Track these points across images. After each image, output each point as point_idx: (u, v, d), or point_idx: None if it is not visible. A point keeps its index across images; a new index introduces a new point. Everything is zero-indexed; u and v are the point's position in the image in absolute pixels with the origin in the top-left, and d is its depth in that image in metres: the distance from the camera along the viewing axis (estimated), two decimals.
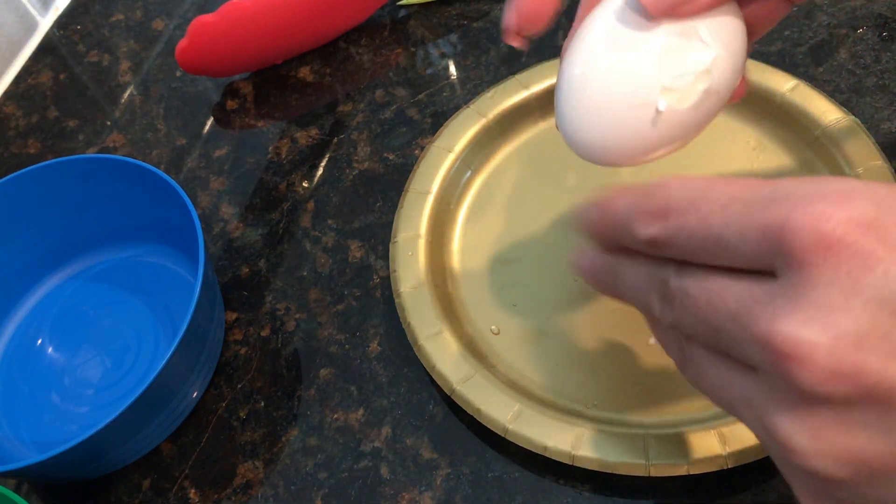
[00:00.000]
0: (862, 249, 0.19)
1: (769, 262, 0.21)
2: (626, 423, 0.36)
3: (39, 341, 0.46)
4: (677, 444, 0.34)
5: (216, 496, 0.39)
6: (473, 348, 0.39)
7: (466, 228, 0.44)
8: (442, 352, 0.38)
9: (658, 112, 0.26)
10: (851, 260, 0.19)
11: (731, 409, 0.24)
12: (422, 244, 0.42)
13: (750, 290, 0.21)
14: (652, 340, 0.38)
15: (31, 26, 0.61)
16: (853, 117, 0.40)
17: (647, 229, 0.24)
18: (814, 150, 0.41)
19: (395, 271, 0.41)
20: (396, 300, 0.40)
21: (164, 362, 0.35)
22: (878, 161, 0.39)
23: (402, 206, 0.43)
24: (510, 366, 0.39)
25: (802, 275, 0.20)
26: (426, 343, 0.38)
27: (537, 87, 0.46)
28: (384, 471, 0.38)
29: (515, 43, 0.28)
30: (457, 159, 0.44)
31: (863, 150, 0.39)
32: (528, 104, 0.46)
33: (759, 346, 0.20)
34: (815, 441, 0.20)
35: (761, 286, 0.21)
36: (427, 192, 0.43)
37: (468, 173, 0.45)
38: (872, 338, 0.19)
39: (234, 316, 0.44)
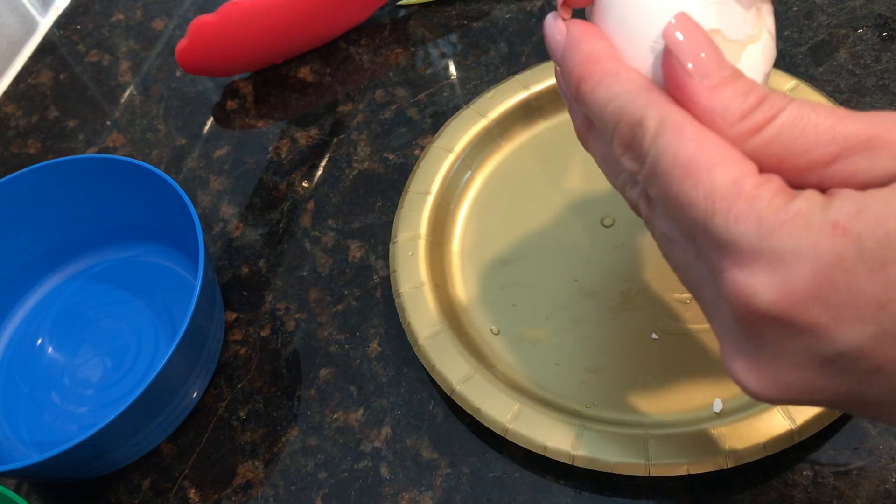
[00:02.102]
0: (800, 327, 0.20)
1: None
2: (626, 423, 0.36)
3: (39, 341, 0.46)
4: (677, 444, 0.34)
5: (216, 496, 0.39)
6: (473, 348, 0.39)
7: (466, 228, 0.44)
8: (442, 352, 0.38)
9: None
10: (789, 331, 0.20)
11: (693, 290, 0.24)
12: (422, 244, 0.42)
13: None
14: (655, 335, 0.38)
15: (31, 26, 0.61)
16: None
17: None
18: None
19: (395, 271, 0.41)
20: (396, 300, 0.40)
21: (164, 362, 0.35)
22: None
23: (402, 206, 0.43)
24: (510, 366, 0.39)
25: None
26: (426, 343, 0.38)
27: (537, 87, 0.46)
28: (384, 471, 0.38)
29: (565, 15, 0.28)
30: (457, 159, 0.45)
31: None
32: (528, 104, 0.46)
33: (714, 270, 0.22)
34: (754, 373, 0.22)
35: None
36: (427, 192, 0.43)
37: (468, 173, 0.45)
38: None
39: (234, 316, 0.44)
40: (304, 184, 0.48)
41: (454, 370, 0.37)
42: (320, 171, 0.49)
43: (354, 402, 0.40)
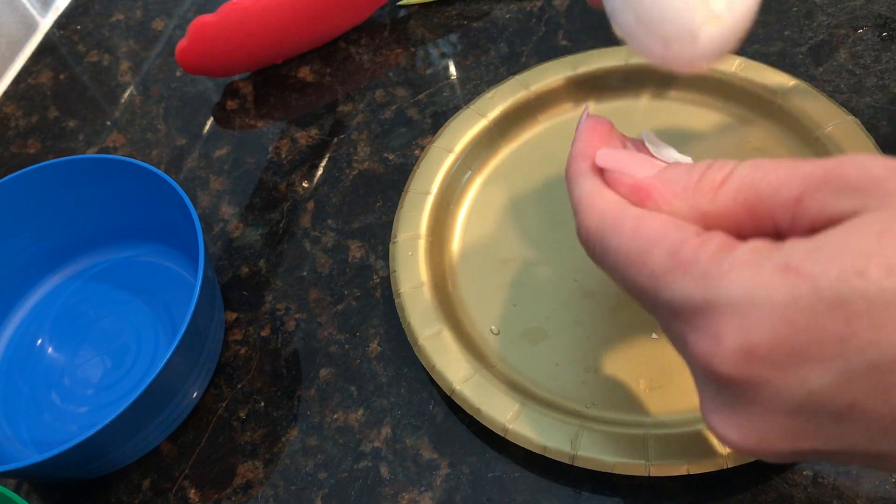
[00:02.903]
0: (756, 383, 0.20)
1: None
2: (626, 423, 0.36)
3: (39, 341, 0.46)
4: (677, 444, 0.34)
5: (216, 496, 0.39)
6: (473, 348, 0.39)
7: (466, 228, 0.44)
8: (442, 352, 0.38)
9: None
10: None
11: (678, 351, 0.25)
12: (422, 244, 0.42)
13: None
14: (655, 335, 0.38)
15: (31, 26, 0.61)
16: (853, 117, 0.40)
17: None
18: (814, 151, 0.41)
19: (395, 271, 0.41)
20: (396, 300, 0.40)
21: (164, 362, 0.35)
22: None
23: (402, 206, 0.43)
24: (510, 366, 0.39)
25: None
26: (426, 343, 0.38)
27: (537, 87, 0.46)
28: (384, 471, 0.38)
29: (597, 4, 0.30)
30: (457, 159, 0.45)
31: (863, 151, 0.39)
32: (528, 104, 0.46)
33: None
34: (732, 426, 0.22)
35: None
36: (427, 193, 0.43)
37: (468, 173, 0.45)
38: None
39: (234, 316, 0.44)
40: (304, 184, 0.48)
41: (454, 370, 0.37)
42: (320, 171, 0.49)
43: (354, 402, 0.40)
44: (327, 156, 0.49)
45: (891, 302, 0.18)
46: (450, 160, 0.44)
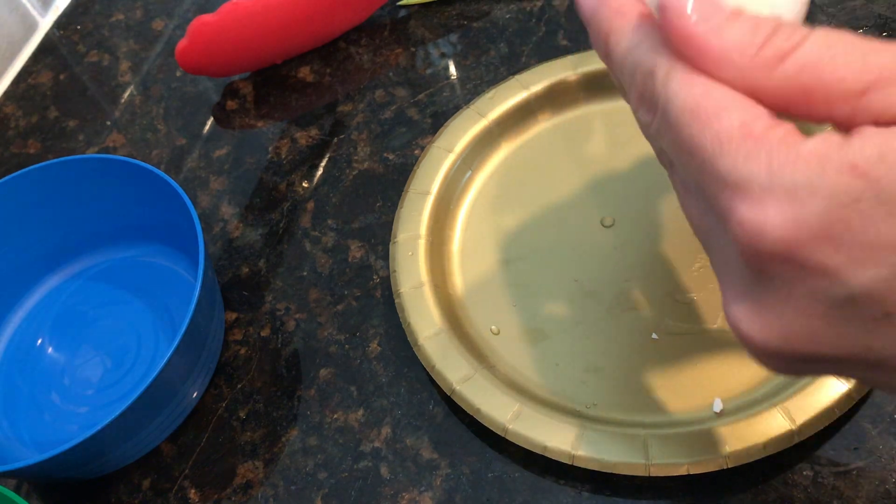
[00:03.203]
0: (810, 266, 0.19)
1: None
2: (626, 423, 0.36)
3: (39, 341, 0.46)
4: (677, 444, 0.34)
5: (216, 496, 0.39)
6: (473, 348, 0.39)
7: (466, 228, 0.44)
8: (442, 352, 0.38)
9: None
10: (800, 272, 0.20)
11: (704, 242, 0.24)
12: (422, 244, 0.42)
13: (729, 132, 0.20)
14: (655, 335, 0.38)
15: (31, 26, 0.61)
16: None
17: None
18: None
19: (395, 271, 0.41)
20: (396, 300, 0.40)
21: (164, 362, 0.35)
22: None
23: (402, 206, 0.43)
24: (510, 366, 0.39)
25: None
26: (426, 343, 0.38)
27: (537, 87, 0.46)
28: (384, 471, 0.38)
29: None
30: (457, 159, 0.45)
31: None
32: (528, 104, 0.46)
33: (724, 215, 0.21)
34: (757, 319, 0.21)
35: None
36: (427, 193, 0.43)
37: (468, 173, 0.45)
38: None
39: (234, 316, 0.44)
40: (304, 184, 0.48)
41: (454, 370, 0.37)
42: (320, 171, 0.49)
43: (354, 402, 0.40)
44: (327, 156, 0.49)
45: None
46: (450, 160, 0.44)
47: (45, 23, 0.62)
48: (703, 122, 0.21)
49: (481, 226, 0.44)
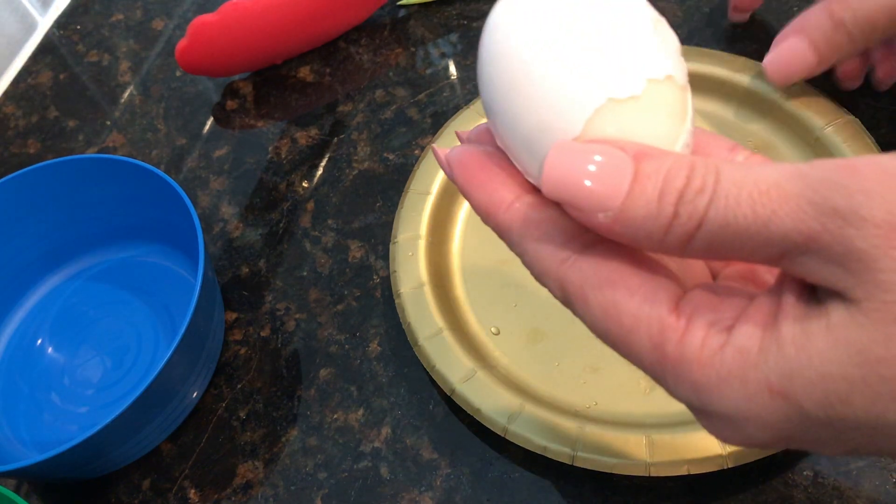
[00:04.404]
0: None
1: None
2: (626, 423, 0.36)
3: (39, 341, 0.46)
4: (677, 444, 0.34)
5: (216, 496, 0.39)
6: (473, 348, 0.39)
7: (466, 228, 0.44)
8: (442, 352, 0.38)
9: None
10: None
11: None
12: (422, 244, 0.42)
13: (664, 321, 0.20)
14: None
15: (31, 26, 0.61)
16: (853, 117, 0.40)
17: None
18: (814, 151, 0.41)
19: (395, 271, 0.41)
20: (396, 300, 0.40)
21: (164, 362, 0.35)
22: None
23: (402, 206, 0.43)
24: (510, 366, 0.39)
25: None
26: (426, 343, 0.38)
27: None
28: (384, 471, 0.38)
29: (740, 19, 0.28)
30: None
31: (863, 151, 0.39)
32: None
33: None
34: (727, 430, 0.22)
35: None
36: (427, 193, 0.43)
37: None
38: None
39: (234, 316, 0.44)
40: (304, 184, 0.48)
41: (454, 370, 0.37)
42: (320, 171, 0.49)
43: (354, 402, 0.40)
44: (327, 156, 0.49)
45: (878, 426, 0.18)
46: None
47: (45, 23, 0.62)
48: (622, 349, 0.22)
49: (481, 226, 0.44)
